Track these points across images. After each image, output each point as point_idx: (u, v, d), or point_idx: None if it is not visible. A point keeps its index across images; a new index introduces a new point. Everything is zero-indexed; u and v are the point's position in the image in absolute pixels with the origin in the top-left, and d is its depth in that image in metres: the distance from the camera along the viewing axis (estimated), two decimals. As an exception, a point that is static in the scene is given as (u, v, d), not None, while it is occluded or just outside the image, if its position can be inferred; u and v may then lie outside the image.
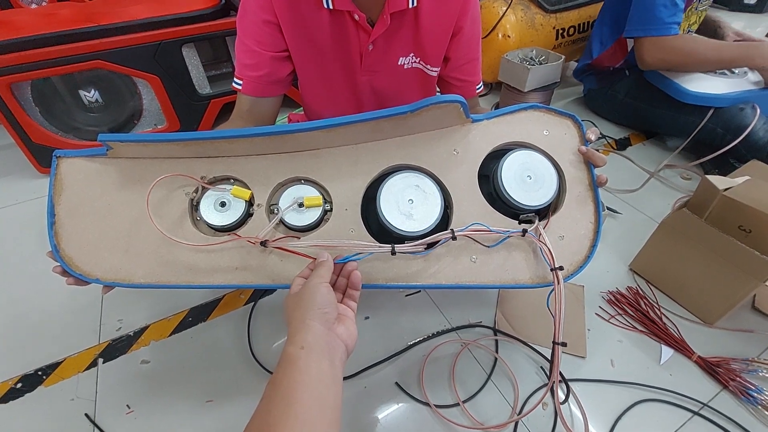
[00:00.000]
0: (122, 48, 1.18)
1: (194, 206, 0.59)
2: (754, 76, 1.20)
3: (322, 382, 0.40)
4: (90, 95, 1.25)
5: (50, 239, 0.56)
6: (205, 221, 0.58)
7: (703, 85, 1.19)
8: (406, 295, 0.88)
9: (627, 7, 1.20)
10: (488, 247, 0.58)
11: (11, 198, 1.22)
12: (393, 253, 0.54)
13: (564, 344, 0.54)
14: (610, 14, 1.36)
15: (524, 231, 0.57)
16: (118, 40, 1.17)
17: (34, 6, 1.45)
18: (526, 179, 0.59)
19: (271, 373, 0.73)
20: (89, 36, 1.15)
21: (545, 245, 0.56)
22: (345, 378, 0.72)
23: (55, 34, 1.12)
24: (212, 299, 0.88)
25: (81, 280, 0.57)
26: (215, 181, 0.60)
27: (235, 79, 0.76)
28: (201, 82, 1.36)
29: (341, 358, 0.44)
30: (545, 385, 0.72)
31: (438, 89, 0.90)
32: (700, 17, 1.34)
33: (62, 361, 0.78)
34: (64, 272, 0.56)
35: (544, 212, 0.61)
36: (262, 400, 0.39)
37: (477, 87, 0.86)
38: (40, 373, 0.76)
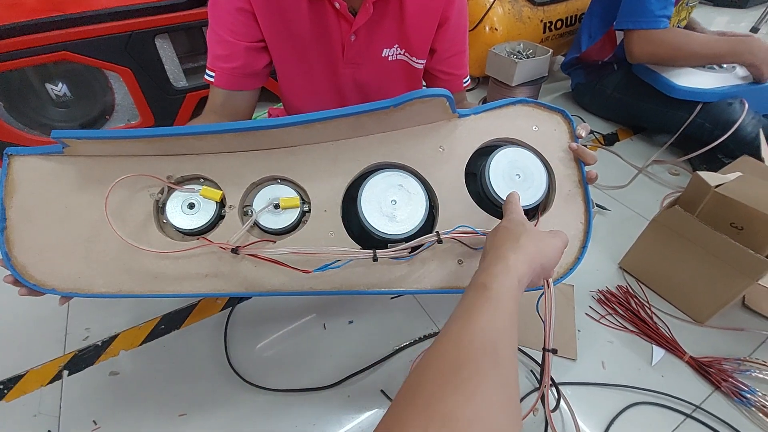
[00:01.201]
0: (90, 38, 1.11)
1: (160, 208, 0.55)
2: (741, 71, 1.19)
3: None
4: (57, 89, 1.18)
5: (0, 246, 0.51)
6: (172, 224, 0.54)
7: (691, 79, 1.18)
8: (392, 298, 0.85)
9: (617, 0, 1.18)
10: (475, 249, 0.55)
11: (-26, 198, 1.15)
12: (375, 259, 0.50)
13: (554, 351, 0.51)
14: (600, 6, 1.34)
15: (514, 233, 0.54)
16: (85, 30, 1.10)
17: (-2, -6, 1.36)
18: (515, 177, 0.56)
19: (248, 382, 0.70)
20: (55, 26, 1.08)
21: (535, 247, 0.53)
22: (326, 387, 0.70)
23: (18, 24, 1.05)
24: (186, 305, 0.83)
25: (35, 291, 0.52)
26: (183, 181, 0.56)
27: (207, 71, 0.71)
28: (176, 75, 1.29)
29: None
30: (536, 389, 0.70)
31: (424, 83, 0.86)
32: (689, 13, 1.33)
33: (24, 374, 0.73)
34: (17, 282, 0.52)
35: (533, 212, 0.59)
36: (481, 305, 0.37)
37: (464, 80, 0.83)
38: (0, 387, 0.71)
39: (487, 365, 0.31)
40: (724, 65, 1.20)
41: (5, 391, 0.71)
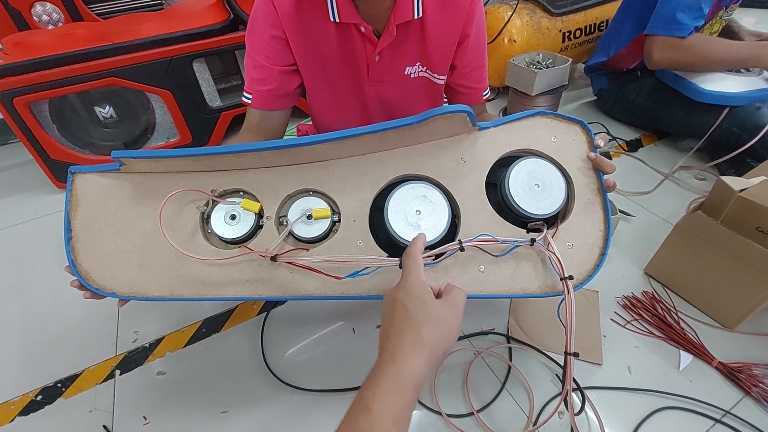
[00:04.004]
0: (136, 65, 1.21)
1: (205, 219, 0.60)
2: (769, 74, 1.17)
3: None
4: (105, 111, 1.28)
5: (67, 254, 0.58)
6: (216, 234, 0.59)
7: (718, 84, 1.17)
8: (417, 303, 0.88)
9: (652, 5, 1.17)
10: (496, 256, 0.58)
11: (31, 213, 1.26)
12: (401, 266, 0.54)
13: (576, 354, 0.53)
14: (634, 11, 1.30)
15: (532, 241, 0.57)
16: (131, 58, 1.20)
17: (50, 27, 1.49)
18: (534, 188, 0.59)
19: (284, 382, 0.74)
20: (104, 54, 1.18)
21: (554, 254, 0.56)
22: (357, 388, 0.72)
23: (71, 54, 1.16)
24: (225, 310, 0.89)
25: (97, 294, 0.58)
26: (225, 194, 0.61)
27: (244, 93, 0.78)
28: (211, 96, 1.39)
29: None
30: (560, 394, 0.71)
31: (445, 96, 0.90)
32: (722, 26, 1.32)
33: (81, 373, 0.80)
34: (81, 286, 0.58)
35: (552, 221, 0.61)
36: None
37: (484, 93, 0.86)
38: (59, 385, 0.78)
39: None
40: (751, 69, 1.19)
41: (63, 388, 0.78)
